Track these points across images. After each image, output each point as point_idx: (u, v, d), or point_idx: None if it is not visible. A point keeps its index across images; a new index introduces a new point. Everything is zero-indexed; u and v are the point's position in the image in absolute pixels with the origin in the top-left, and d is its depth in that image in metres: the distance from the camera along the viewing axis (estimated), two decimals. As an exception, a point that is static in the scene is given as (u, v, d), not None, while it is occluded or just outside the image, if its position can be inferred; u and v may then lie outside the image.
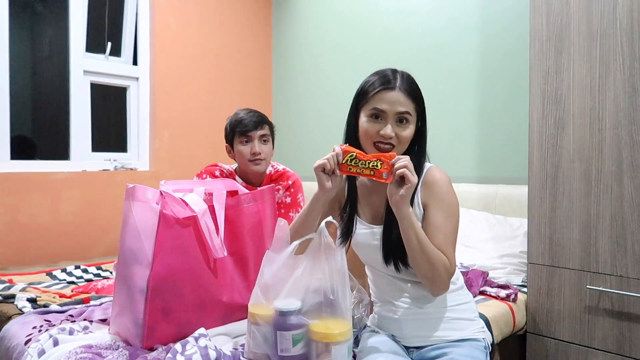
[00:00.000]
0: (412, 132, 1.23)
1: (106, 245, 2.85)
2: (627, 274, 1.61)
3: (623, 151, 1.62)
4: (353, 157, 1.15)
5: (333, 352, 1.08)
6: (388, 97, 1.20)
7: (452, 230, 1.21)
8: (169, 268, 1.23)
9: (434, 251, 1.15)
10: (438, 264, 1.15)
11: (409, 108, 1.21)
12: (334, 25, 3.36)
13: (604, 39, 1.66)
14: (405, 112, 1.21)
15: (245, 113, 1.94)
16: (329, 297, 1.09)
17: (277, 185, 1.97)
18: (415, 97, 1.23)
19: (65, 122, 2.86)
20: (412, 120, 1.22)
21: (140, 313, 1.21)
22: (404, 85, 1.21)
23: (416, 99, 1.23)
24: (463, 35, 2.66)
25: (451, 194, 1.24)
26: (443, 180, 1.23)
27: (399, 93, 1.20)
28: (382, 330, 1.31)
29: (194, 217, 1.27)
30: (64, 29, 2.85)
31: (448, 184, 1.24)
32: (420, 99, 1.25)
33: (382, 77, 1.23)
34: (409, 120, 1.22)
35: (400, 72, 1.25)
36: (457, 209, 1.24)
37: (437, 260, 1.14)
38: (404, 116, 1.21)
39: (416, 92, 1.24)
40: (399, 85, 1.21)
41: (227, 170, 2.01)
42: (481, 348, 1.23)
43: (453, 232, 1.22)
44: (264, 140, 1.93)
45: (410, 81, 1.24)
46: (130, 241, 1.25)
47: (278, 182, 1.99)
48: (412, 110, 1.22)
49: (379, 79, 1.23)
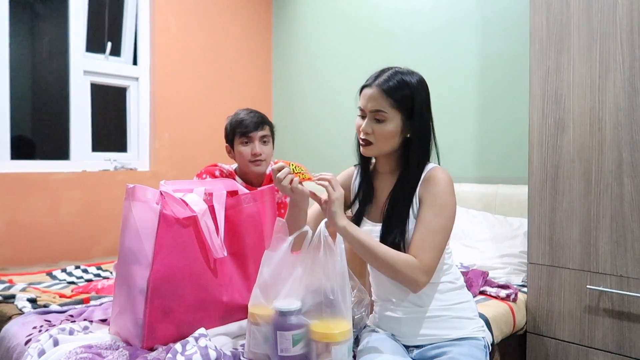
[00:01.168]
0: (391, 129, 1.22)
1: (106, 245, 2.85)
2: (627, 274, 1.61)
3: (623, 151, 1.62)
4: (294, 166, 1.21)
5: (333, 352, 1.08)
6: (365, 94, 1.25)
7: (438, 228, 1.18)
8: (169, 268, 1.23)
9: (388, 254, 1.14)
10: (397, 264, 1.14)
11: (381, 106, 1.21)
12: (333, 25, 3.36)
13: (604, 39, 1.66)
14: (377, 110, 1.22)
15: (246, 113, 1.93)
16: (329, 297, 1.09)
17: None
18: (393, 94, 1.21)
19: (65, 122, 2.86)
20: (389, 117, 1.22)
21: (140, 313, 1.21)
22: (383, 83, 1.21)
23: (395, 96, 1.21)
24: (463, 35, 2.66)
25: (447, 194, 1.21)
26: (443, 179, 1.22)
27: (374, 90, 1.22)
28: (382, 329, 1.32)
29: (194, 217, 1.27)
30: (64, 29, 2.85)
31: (447, 184, 1.22)
32: (402, 97, 1.22)
33: (373, 74, 1.26)
34: (385, 117, 1.22)
35: (390, 71, 1.25)
36: (451, 209, 1.21)
37: (395, 260, 1.14)
38: (377, 114, 1.22)
39: (395, 89, 1.21)
40: (377, 83, 1.22)
41: (226, 171, 2.01)
42: (481, 347, 1.23)
43: (439, 230, 1.18)
44: (264, 141, 1.93)
45: (393, 79, 1.22)
46: (130, 241, 1.25)
47: None
48: (388, 107, 1.21)
49: (370, 76, 1.26)
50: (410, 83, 1.23)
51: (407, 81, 1.23)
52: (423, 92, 1.26)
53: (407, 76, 1.24)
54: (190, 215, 1.27)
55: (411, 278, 1.14)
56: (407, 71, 1.26)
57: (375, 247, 1.15)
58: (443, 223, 1.19)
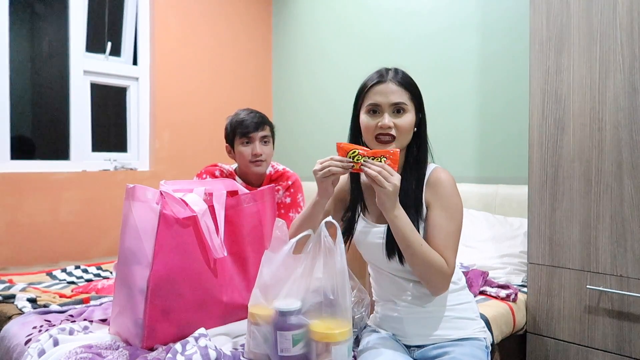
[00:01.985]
0: (411, 121, 1.23)
1: (106, 245, 2.85)
2: (627, 274, 1.61)
3: (623, 151, 1.62)
4: (355, 154, 1.15)
5: (333, 352, 1.08)
6: (381, 89, 1.23)
7: (453, 231, 1.21)
8: (169, 268, 1.23)
9: (428, 253, 1.15)
10: (433, 266, 1.15)
11: (403, 98, 1.23)
12: (333, 25, 3.36)
13: (604, 39, 1.66)
14: (399, 102, 1.22)
15: (246, 114, 1.93)
16: (329, 297, 1.09)
17: (277, 186, 1.96)
18: (409, 87, 1.24)
19: (65, 122, 2.86)
20: (409, 110, 1.24)
21: (140, 313, 1.21)
22: (396, 77, 1.24)
23: (410, 89, 1.24)
24: (463, 35, 2.66)
25: (455, 196, 1.23)
26: (448, 181, 1.24)
27: (391, 84, 1.23)
28: (383, 329, 1.32)
29: (194, 217, 1.27)
30: (64, 29, 2.85)
31: (453, 186, 1.24)
32: (415, 90, 1.26)
33: (376, 73, 1.27)
34: (405, 109, 1.23)
35: (394, 68, 1.27)
36: (460, 211, 1.24)
37: (432, 262, 1.14)
38: (399, 106, 1.22)
39: (409, 83, 1.25)
40: (390, 78, 1.24)
41: (226, 171, 2.01)
42: (482, 347, 1.23)
43: (455, 233, 1.21)
44: (264, 141, 1.92)
45: (403, 74, 1.26)
46: (130, 241, 1.25)
47: (278, 182, 1.99)
48: (407, 99, 1.23)
49: (374, 75, 1.26)
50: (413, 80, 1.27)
51: (412, 78, 1.27)
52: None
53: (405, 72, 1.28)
54: (190, 215, 1.27)
55: (439, 283, 1.17)
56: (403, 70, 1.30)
57: (419, 244, 1.15)
58: (457, 226, 1.22)
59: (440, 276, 1.16)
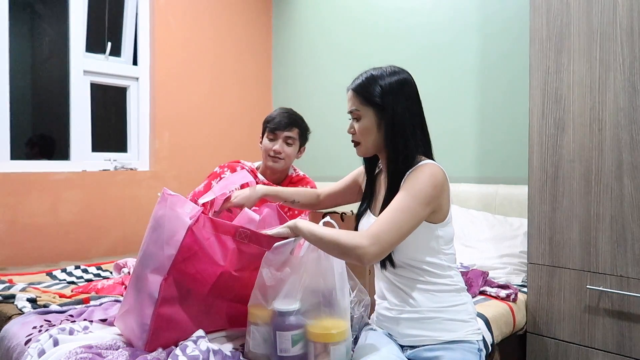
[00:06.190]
0: (366, 125, 1.27)
1: (106, 245, 2.85)
2: (627, 274, 1.61)
3: (623, 151, 1.62)
4: None
5: (332, 352, 1.08)
6: (347, 97, 1.32)
7: (402, 207, 1.13)
8: (183, 282, 1.22)
9: (334, 232, 1.11)
10: (340, 237, 1.09)
11: (355, 105, 1.29)
12: (333, 25, 3.36)
13: (604, 39, 1.66)
14: (353, 110, 1.30)
15: (281, 112, 2.03)
16: (328, 297, 1.09)
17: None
18: (361, 91, 1.27)
19: (65, 122, 2.86)
20: (363, 115, 1.27)
21: (147, 318, 1.20)
22: (354, 84, 1.30)
23: (362, 93, 1.27)
24: (463, 35, 2.66)
25: (424, 183, 1.17)
26: (426, 171, 1.19)
27: (349, 93, 1.31)
28: (380, 327, 1.33)
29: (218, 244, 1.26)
30: (64, 29, 2.85)
31: (429, 176, 1.18)
32: (371, 92, 1.25)
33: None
34: (360, 115, 1.28)
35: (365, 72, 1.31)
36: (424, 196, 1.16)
37: (338, 236, 1.09)
38: (354, 113, 1.30)
39: (363, 86, 1.27)
40: (350, 85, 1.31)
41: (249, 168, 2.07)
42: (474, 350, 1.22)
43: (404, 209, 1.13)
44: (288, 142, 2.00)
45: (362, 77, 1.29)
46: (153, 245, 1.24)
47: (297, 185, 2.08)
48: (359, 104, 1.28)
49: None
50: (378, 76, 1.27)
51: (375, 75, 1.27)
52: (395, 83, 1.25)
53: (377, 71, 1.28)
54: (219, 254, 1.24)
55: (353, 244, 1.07)
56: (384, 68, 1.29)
57: (322, 231, 1.13)
58: (409, 204, 1.14)
59: (349, 238, 1.08)
